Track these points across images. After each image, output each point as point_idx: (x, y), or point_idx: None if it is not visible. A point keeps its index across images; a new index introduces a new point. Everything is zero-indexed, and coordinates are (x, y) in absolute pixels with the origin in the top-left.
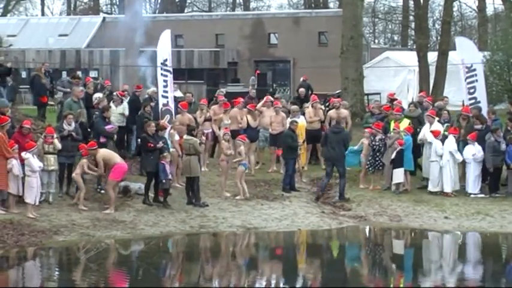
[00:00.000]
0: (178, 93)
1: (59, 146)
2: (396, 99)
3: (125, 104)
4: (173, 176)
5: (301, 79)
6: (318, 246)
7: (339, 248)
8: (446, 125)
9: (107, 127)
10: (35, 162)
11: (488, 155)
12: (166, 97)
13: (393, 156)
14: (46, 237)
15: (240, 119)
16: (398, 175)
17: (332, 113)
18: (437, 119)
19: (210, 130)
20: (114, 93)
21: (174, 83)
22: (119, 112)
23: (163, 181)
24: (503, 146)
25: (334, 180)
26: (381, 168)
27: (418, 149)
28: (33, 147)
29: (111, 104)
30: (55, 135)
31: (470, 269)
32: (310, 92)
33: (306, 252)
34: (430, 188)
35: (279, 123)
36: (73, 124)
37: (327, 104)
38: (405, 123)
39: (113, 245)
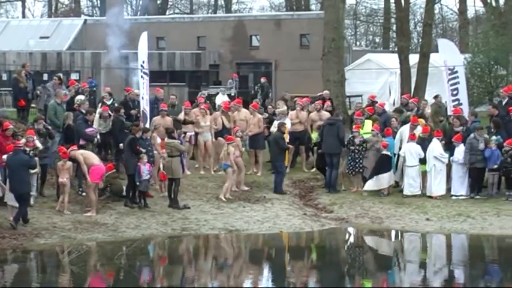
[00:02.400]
0: (225, 97)
1: (39, 145)
2: (377, 102)
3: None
4: (154, 179)
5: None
6: (300, 248)
7: (321, 250)
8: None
9: (88, 130)
10: None
11: (466, 151)
12: (142, 98)
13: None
14: (27, 240)
15: (215, 121)
16: (385, 180)
17: (313, 115)
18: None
19: (193, 133)
20: (106, 113)
21: (161, 85)
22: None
23: (137, 183)
24: (481, 145)
25: (315, 183)
26: (361, 170)
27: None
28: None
29: (99, 120)
30: (35, 137)
31: (452, 271)
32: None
33: (288, 254)
34: (406, 192)
35: (256, 124)
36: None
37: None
38: (368, 124)
39: (94, 248)
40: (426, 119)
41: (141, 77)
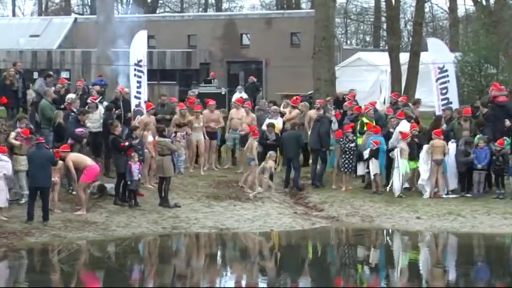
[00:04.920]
0: (244, 95)
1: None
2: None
3: (101, 108)
4: (145, 177)
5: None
6: (291, 247)
7: (312, 248)
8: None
9: (77, 130)
10: (9, 165)
11: (457, 159)
12: (139, 98)
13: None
14: (17, 238)
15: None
16: (375, 166)
17: (312, 113)
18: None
19: (184, 132)
20: (88, 100)
21: (151, 84)
22: (95, 118)
23: (129, 182)
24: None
25: (306, 181)
26: (353, 169)
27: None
28: (5, 151)
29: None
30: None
31: (442, 269)
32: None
33: (280, 253)
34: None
35: (249, 123)
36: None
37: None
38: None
39: (84, 246)
40: (416, 118)
41: (134, 75)
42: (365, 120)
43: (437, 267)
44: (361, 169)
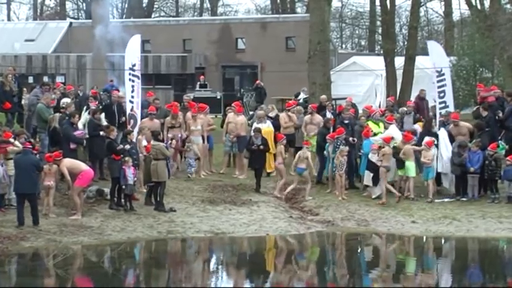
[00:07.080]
0: None
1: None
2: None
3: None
4: (139, 181)
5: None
6: (288, 251)
7: (308, 252)
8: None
9: (76, 133)
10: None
11: (451, 164)
12: (133, 102)
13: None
14: (12, 243)
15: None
16: (369, 178)
17: (307, 118)
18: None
19: (180, 136)
20: (92, 105)
21: (147, 88)
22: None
23: (123, 187)
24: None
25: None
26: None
27: None
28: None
29: (86, 114)
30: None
31: (437, 273)
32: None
33: (276, 257)
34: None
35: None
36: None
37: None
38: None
39: (79, 251)
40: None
41: (130, 79)
42: (371, 124)
43: (432, 270)
44: (367, 178)
